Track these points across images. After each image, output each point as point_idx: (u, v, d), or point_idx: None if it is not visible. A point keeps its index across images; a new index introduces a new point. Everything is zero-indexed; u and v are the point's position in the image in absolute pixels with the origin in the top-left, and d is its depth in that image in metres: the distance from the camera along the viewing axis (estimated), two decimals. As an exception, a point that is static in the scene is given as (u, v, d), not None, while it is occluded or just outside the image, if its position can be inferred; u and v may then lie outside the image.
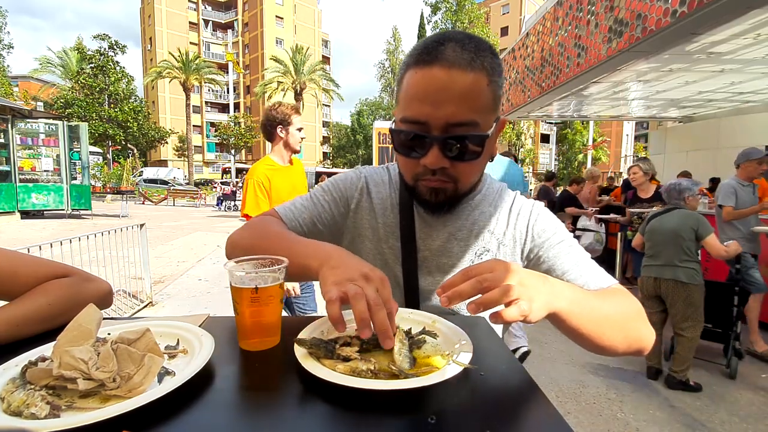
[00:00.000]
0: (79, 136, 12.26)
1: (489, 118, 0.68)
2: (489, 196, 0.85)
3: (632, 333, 0.67)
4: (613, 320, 0.65)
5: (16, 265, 0.72)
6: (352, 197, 0.88)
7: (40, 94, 30.05)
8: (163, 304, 4.59)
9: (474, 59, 0.64)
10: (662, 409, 2.54)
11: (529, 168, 33.97)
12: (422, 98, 0.65)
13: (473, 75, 0.63)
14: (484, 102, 0.66)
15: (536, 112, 6.83)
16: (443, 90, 0.63)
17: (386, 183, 0.89)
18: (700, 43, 3.26)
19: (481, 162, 0.72)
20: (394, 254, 0.84)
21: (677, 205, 2.97)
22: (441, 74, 0.63)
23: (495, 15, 42.04)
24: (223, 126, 29.18)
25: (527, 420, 0.46)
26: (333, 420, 0.45)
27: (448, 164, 0.68)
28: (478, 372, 0.52)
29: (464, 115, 0.64)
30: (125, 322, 0.69)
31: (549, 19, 4.74)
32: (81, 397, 0.46)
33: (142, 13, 49.98)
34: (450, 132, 0.66)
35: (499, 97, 0.69)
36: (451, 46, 0.64)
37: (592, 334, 0.63)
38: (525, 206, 0.84)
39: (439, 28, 29.75)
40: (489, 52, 0.66)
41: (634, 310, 0.69)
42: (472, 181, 0.76)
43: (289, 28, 48.32)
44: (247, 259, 0.68)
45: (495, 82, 0.67)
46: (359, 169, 0.93)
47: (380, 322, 0.50)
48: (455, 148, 0.67)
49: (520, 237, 0.82)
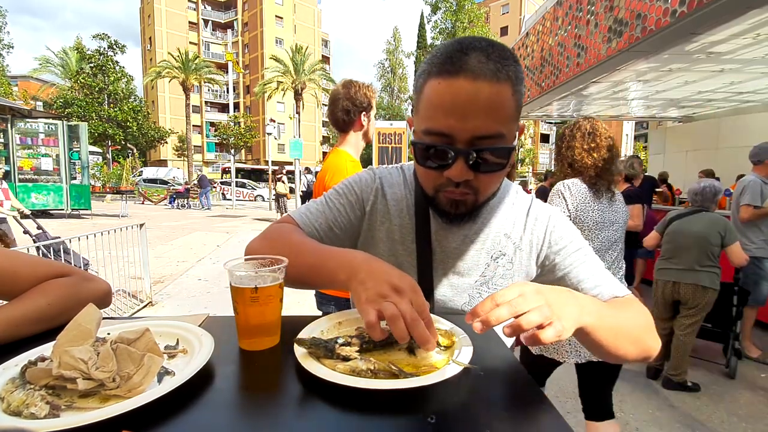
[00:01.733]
0: (79, 136, 12.27)
1: (513, 127, 0.67)
2: (505, 199, 0.84)
3: (643, 344, 0.69)
4: (628, 332, 0.67)
5: (16, 265, 0.72)
6: (368, 200, 0.86)
7: (39, 93, 30.03)
8: (162, 304, 4.59)
9: (500, 69, 0.62)
10: (662, 408, 2.54)
11: (528, 168, 33.99)
12: (447, 110, 0.63)
13: (499, 86, 0.62)
14: (509, 113, 0.64)
15: (536, 112, 6.82)
16: (469, 103, 0.61)
17: (401, 184, 0.87)
18: (700, 43, 3.25)
19: (503, 172, 0.71)
20: (409, 255, 0.83)
21: (707, 207, 2.84)
22: (467, 86, 0.61)
23: (495, 15, 42.05)
24: (222, 126, 29.14)
25: (527, 420, 0.46)
26: (333, 420, 0.45)
27: (472, 176, 0.67)
28: (478, 372, 0.52)
29: (490, 127, 0.63)
30: (125, 321, 0.69)
31: (549, 18, 4.74)
32: (81, 397, 0.46)
33: (142, 12, 49.93)
34: (476, 145, 0.64)
35: (521, 105, 0.68)
36: (475, 56, 0.62)
37: (610, 346, 0.64)
38: (543, 212, 0.84)
39: (439, 27, 29.74)
40: (512, 60, 0.65)
41: (646, 321, 0.71)
42: (493, 190, 0.75)
43: (289, 27, 48.28)
44: (247, 258, 0.68)
45: (518, 91, 0.66)
46: (373, 170, 0.90)
47: (419, 336, 0.50)
48: (481, 161, 0.65)
49: (537, 243, 0.82)
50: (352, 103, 1.86)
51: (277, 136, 16.37)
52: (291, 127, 39.85)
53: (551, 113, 7.11)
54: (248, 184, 26.26)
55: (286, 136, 36.22)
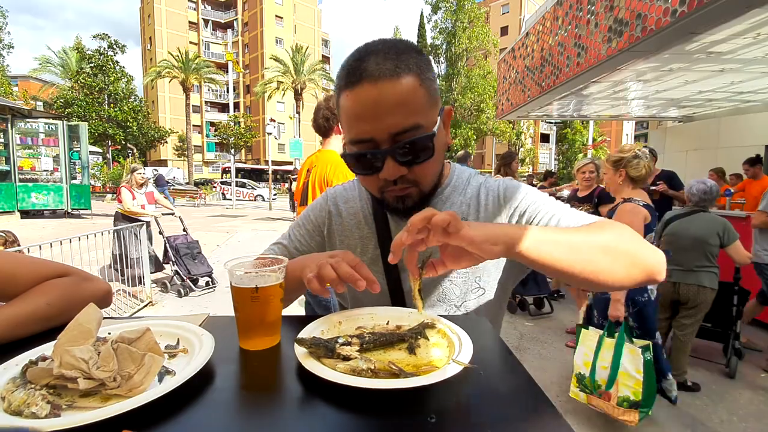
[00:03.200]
0: (79, 136, 12.27)
1: (430, 114, 0.68)
2: (459, 186, 0.84)
3: (628, 256, 0.63)
4: (596, 245, 0.61)
5: (16, 266, 0.72)
6: (323, 224, 0.91)
7: (39, 93, 30.03)
8: (163, 304, 4.59)
9: (398, 65, 0.64)
10: (662, 408, 2.54)
11: (529, 167, 33.97)
12: (360, 117, 0.66)
13: (401, 81, 0.64)
14: (421, 102, 0.66)
15: (536, 112, 6.82)
16: (377, 104, 0.64)
17: (356, 198, 0.90)
18: (700, 43, 3.25)
19: (437, 158, 0.72)
20: (374, 264, 0.84)
21: (705, 207, 2.84)
22: (371, 90, 0.64)
23: (495, 14, 42.03)
24: (222, 125, 29.12)
25: (527, 420, 0.46)
26: (333, 419, 0.45)
27: (405, 171, 0.69)
28: (478, 372, 0.52)
29: (404, 121, 0.65)
30: (125, 321, 0.69)
31: (549, 18, 4.74)
32: (81, 397, 0.46)
33: (142, 12, 49.91)
34: (397, 141, 0.66)
35: (435, 90, 0.69)
36: (373, 60, 0.64)
37: (574, 264, 0.59)
38: (492, 186, 0.83)
39: (439, 27, 29.75)
40: (413, 51, 0.67)
41: (623, 234, 0.65)
42: (434, 178, 0.76)
43: (289, 27, 48.27)
44: (247, 259, 0.68)
45: (427, 78, 0.67)
46: (327, 191, 0.95)
47: (343, 272, 0.59)
48: (407, 155, 0.67)
49: (496, 216, 0.81)
50: (331, 111, 2.19)
51: (277, 135, 16.40)
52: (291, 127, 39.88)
53: (551, 113, 7.11)
54: (248, 183, 26.27)
55: (287, 136, 36.22)
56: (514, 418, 0.45)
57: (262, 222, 13.09)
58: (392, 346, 0.58)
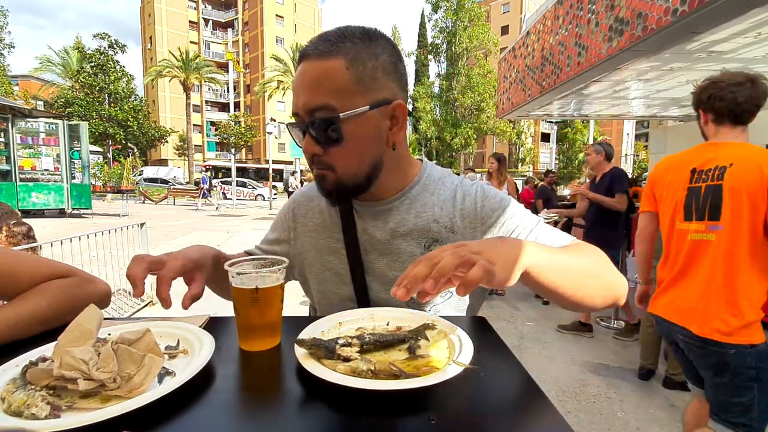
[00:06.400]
0: (80, 135, 12.26)
1: (350, 101, 0.67)
2: (430, 186, 0.83)
3: (606, 282, 0.68)
4: (585, 271, 0.65)
5: (16, 265, 0.72)
6: (288, 227, 0.93)
7: (40, 93, 30.07)
8: (163, 304, 4.59)
9: (330, 48, 0.66)
10: (662, 408, 2.54)
11: (529, 167, 33.96)
12: (293, 91, 0.71)
13: (325, 62, 0.66)
14: (338, 85, 0.66)
15: (537, 111, 6.81)
16: (300, 80, 0.68)
17: (319, 195, 0.88)
18: (701, 42, 3.25)
19: (357, 148, 0.70)
20: (342, 263, 0.83)
21: None
22: (302, 67, 0.69)
23: (495, 14, 41.98)
24: (223, 125, 29.12)
25: (527, 420, 0.46)
26: (333, 420, 0.45)
27: (319, 151, 0.70)
28: (478, 372, 0.52)
29: (315, 99, 0.67)
30: (125, 322, 0.69)
31: (549, 18, 4.73)
32: (81, 398, 0.46)
33: (142, 12, 49.92)
34: (311, 117, 0.68)
35: (370, 78, 0.68)
36: (314, 42, 0.69)
37: (568, 288, 0.62)
38: (469, 189, 0.82)
39: (439, 26, 29.71)
40: (357, 38, 0.68)
41: (601, 259, 0.70)
42: (352, 168, 0.72)
43: (290, 27, 48.24)
44: (247, 259, 0.68)
45: (360, 63, 0.67)
46: (293, 195, 0.98)
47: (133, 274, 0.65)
48: (316, 133, 0.69)
49: (471, 220, 0.79)
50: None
51: (278, 135, 16.40)
52: (291, 126, 39.75)
53: (552, 112, 7.10)
54: (248, 183, 26.28)
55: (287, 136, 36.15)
56: (514, 418, 0.45)
57: (263, 221, 13.09)
58: (392, 347, 0.58)
